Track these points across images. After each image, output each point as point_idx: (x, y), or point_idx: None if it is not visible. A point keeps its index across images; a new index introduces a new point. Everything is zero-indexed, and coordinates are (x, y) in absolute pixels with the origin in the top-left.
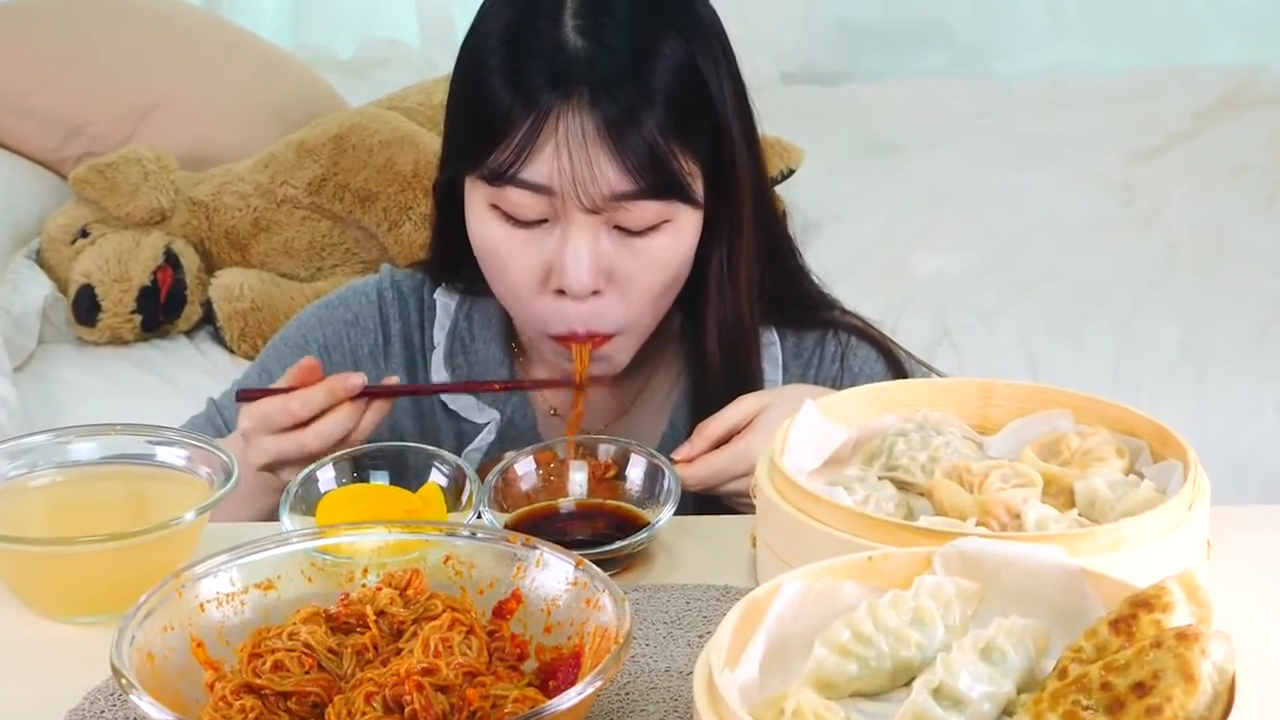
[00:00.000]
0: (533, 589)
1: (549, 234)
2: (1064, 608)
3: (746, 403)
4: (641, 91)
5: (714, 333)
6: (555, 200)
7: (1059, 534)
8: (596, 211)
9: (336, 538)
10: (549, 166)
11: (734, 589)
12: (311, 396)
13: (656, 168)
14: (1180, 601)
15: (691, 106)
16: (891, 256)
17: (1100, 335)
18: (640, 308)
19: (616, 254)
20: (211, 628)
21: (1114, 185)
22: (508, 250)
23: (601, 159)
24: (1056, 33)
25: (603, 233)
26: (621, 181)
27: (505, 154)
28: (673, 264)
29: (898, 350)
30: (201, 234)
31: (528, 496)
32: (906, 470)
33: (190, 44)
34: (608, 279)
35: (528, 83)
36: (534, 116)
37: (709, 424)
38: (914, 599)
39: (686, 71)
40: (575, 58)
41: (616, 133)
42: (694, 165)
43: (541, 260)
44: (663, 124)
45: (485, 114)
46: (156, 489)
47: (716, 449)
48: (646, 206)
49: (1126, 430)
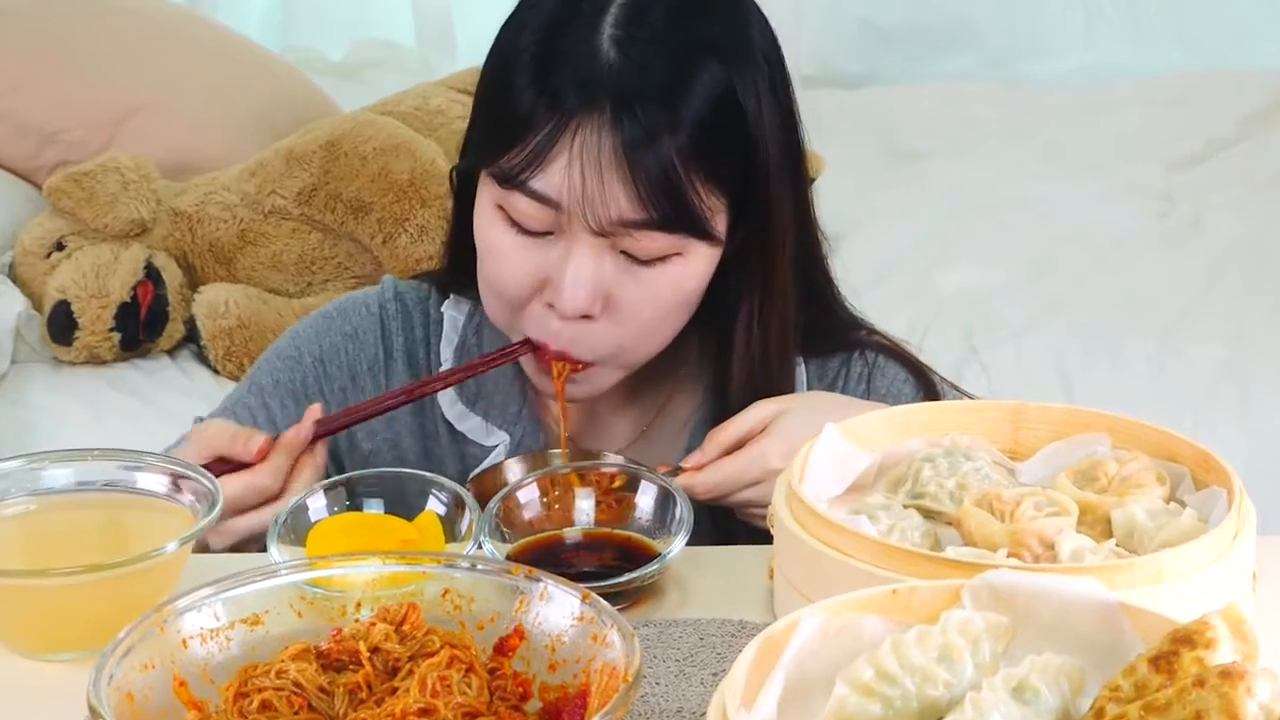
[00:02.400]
0: (536, 624)
1: (552, 246)
2: (1101, 644)
3: (762, 407)
4: (666, 115)
5: (741, 378)
6: (562, 216)
7: (1095, 566)
8: (604, 234)
9: (328, 570)
10: (560, 180)
11: (750, 624)
12: (277, 463)
13: (671, 198)
14: (1224, 637)
15: (722, 139)
16: (916, 271)
17: (1139, 354)
18: (630, 339)
19: (618, 280)
20: (195, 665)
21: (1153, 195)
22: (507, 254)
23: (614, 182)
24: (1092, 33)
25: (607, 256)
26: (632, 209)
27: (519, 157)
28: (676, 299)
29: (928, 370)
30: (184, 247)
31: (531, 525)
32: (933, 498)
33: (172, 46)
34: (604, 304)
35: (553, 85)
36: (554, 122)
37: (722, 429)
38: (941, 635)
39: (722, 101)
40: (605, 68)
41: (633, 156)
42: (717, 200)
43: (539, 270)
44: (685, 153)
45: (507, 110)
46: (136, 518)
47: (728, 455)
48: (656, 238)
49: (1167, 455)
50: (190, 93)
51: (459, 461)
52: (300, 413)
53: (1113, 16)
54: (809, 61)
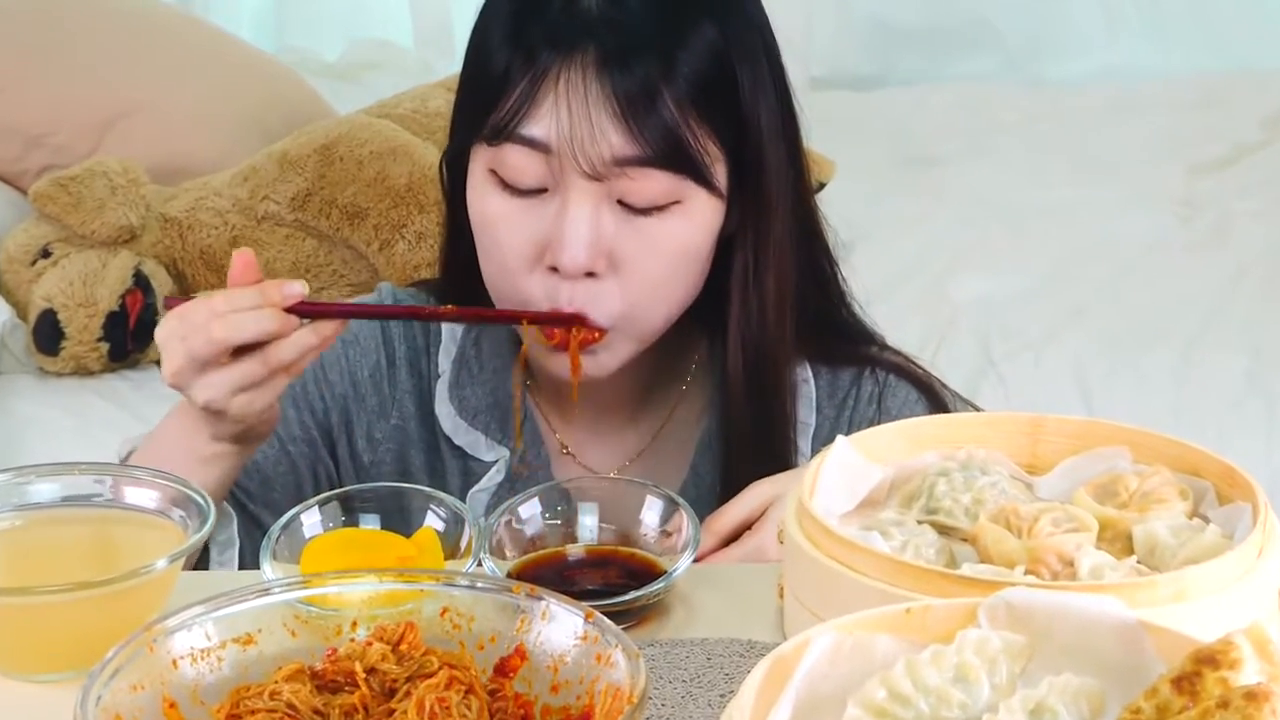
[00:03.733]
0: (538, 644)
1: (547, 205)
2: (1121, 664)
3: (756, 491)
4: (660, 62)
5: (736, 347)
6: (553, 163)
7: (1116, 583)
8: (598, 179)
9: (323, 588)
10: (549, 122)
11: (759, 644)
12: (239, 296)
13: (663, 133)
14: (1249, 657)
15: (716, 94)
16: (930, 279)
17: (1161, 365)
18: (640, 299)
19: (619, 233)
20: (185, 686)
21: (1176, 201)
22: (503, 220)
23: (604, 119)
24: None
25: (605, 207)
26: (625, 145)
27: (504, 109)
28: (681, 252)
29: (942, 390)
30: (174, 254)
31: (533, 542)
32: (948, 513)
33: (162, 46)
34: (607, 262)
35: (528, 39)
36: (533, 74)
37: (718, 518)
38: (957, 655)
39: (714, 59)
40: (585, 16)
41: (621, 91)
42: (714, 148)
43: (537, 233)
44: (681, 99)
45: (488, 72)
46: (125, 534)
47: (728, 545)
48: (653, 177)
49: (1190, 470)
50: (181, 95)
51: (461, 477)
52: (302, 419)
53: (1134, 16)
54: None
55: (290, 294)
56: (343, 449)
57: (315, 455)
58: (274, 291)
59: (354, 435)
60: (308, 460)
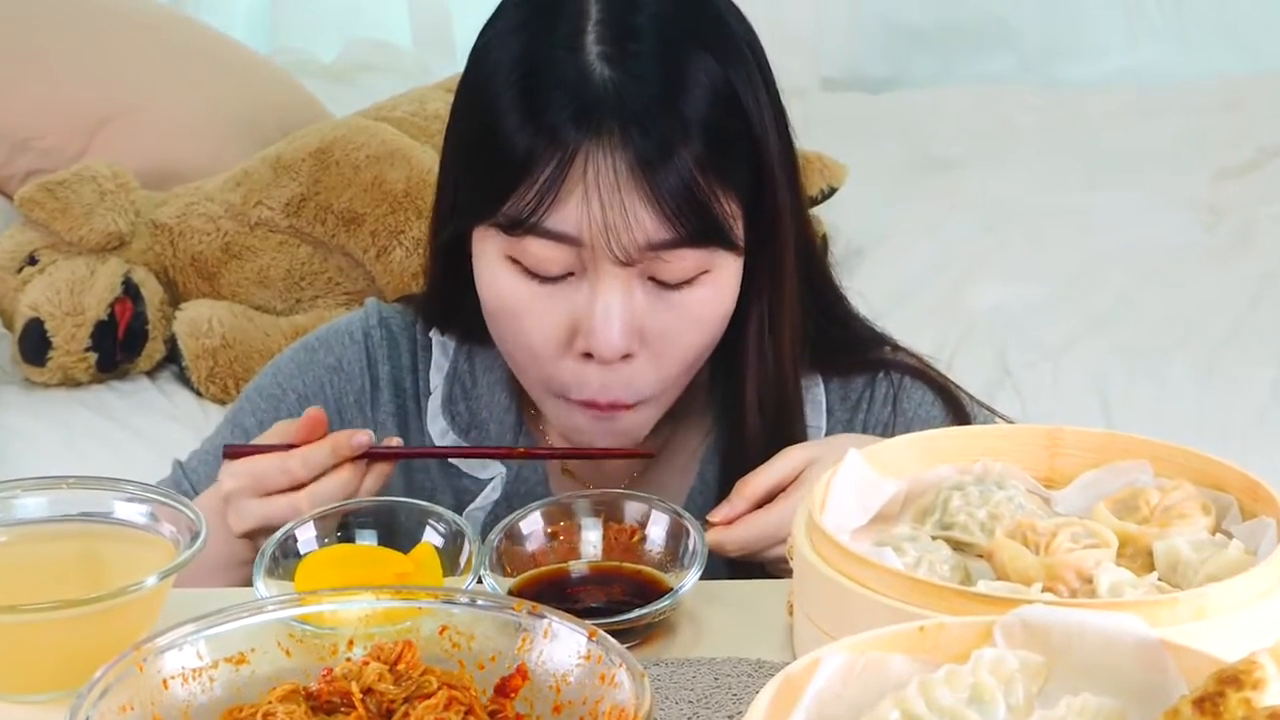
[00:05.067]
0: (540, 663)
1: (575, 289)
2: (1142, 684)
3: (792, 455)
4: (676, 123)
5: (753, 395)
6: (584, 252)
7: (1136, 601)
8: (630, 264)
9: (318, 605)
10: (577, 214)
11: (768, 663)
12: (314, 455)
13: (696, 211)
14: (1273, 677)
15: (730, 135)
16: (945, 287)
17: (1183, 376)
18: (673, 373)
19: (651, 311)
20: (176, 707)
21: (1199, 206)
22: (527, 308)
23: (636, 204)
24: (1134, 33)
25: (636, 286)
26: (659, 229)
27: (526, 200)
28: (713, 321)
29: (958, 392)
30: (165, 261)
31: (535, 558)
32: (964, 529)
33: (152, 47)
34: (640, 340)
35: (551, 120)
36: (559, 157)
37: (750, 481)
38: (972, 674)
39: (722, 95)
40: (603, 89)
41: (651, 173)
42: (734, 205)
43: (566, 319)
44: (701, 159)
45: (502, 158)
46: (114, 550)
47: (759, 509)
48: (685, 256)
49: (1212, 484)
50: (171, 97)
51: (453, 496)
52: None
53: (1156, 16)
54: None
55: (358, 445)
56: None
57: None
58: (345, 447)
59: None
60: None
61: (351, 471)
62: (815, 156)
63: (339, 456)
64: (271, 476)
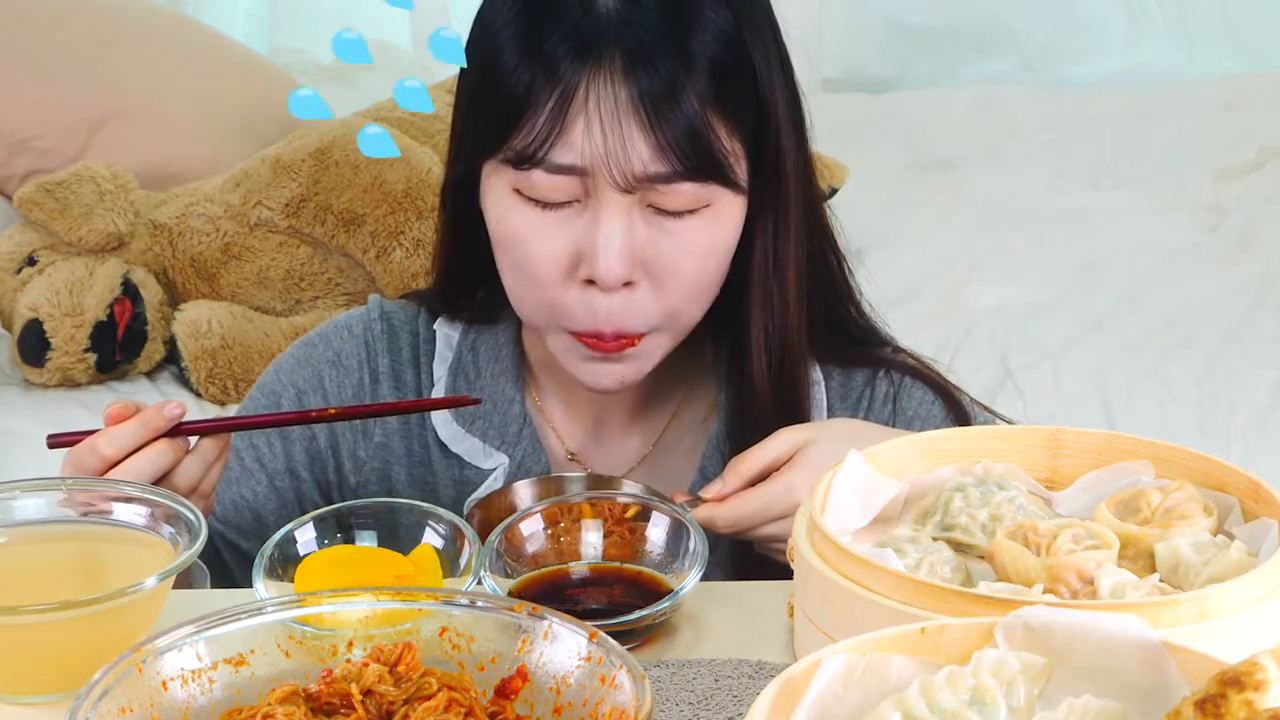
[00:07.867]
0: (540, 665)
1: (578, 215)
2: (1143, 686)
3: (787, 436)
4: (682, 57)
5: (759, 344)
6: (587, 180)
7: (1138, 602)
8: (630, 191)
9: (317, 607)
10: (580, 145)
11: (769, 665)
12: (119, 432)
13: (696, 147)
14: (1275, 679)
15: (735, 79)
16: (946, 287)
17: (1185, 377)
18: (675, 303)
19: (651, 239)
20: (175, 709)
21: (1201, 206)
22: (531, 235)
23: (635, 135)
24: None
25: (637, 214)
26: (655, 161)
27: (531, 136)
28: (713, 253)
29: (958, 393)
30: (164, 262)
31: (535, 560)
32: (965, 530)
33: (151, 47)
34: (642, 269)
35: (550, 54)
36: (560, 91)
37: (744, 459)
38: (973, 676)
39: (730, 41)
40: (606, 18)
41: (651, 105)
42: (737, 145)
43: (569, 245)
44: (704, 96)
45: (504, 95)
46: (113, 551)
47: (752, 487)
48: (683, 189)
49: (1214, 485)
50: (171, 97)
51: (455, 488)
52: (288, 451)
53: (1158, 16)
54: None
55: (171, 417)
56: (331, 474)
57: (301, 488)
58: (155, 419)
59: (341, 458)
60: (295, 493)
61: (167, 446)
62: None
63: (151, 430)
64: (83, 458)
